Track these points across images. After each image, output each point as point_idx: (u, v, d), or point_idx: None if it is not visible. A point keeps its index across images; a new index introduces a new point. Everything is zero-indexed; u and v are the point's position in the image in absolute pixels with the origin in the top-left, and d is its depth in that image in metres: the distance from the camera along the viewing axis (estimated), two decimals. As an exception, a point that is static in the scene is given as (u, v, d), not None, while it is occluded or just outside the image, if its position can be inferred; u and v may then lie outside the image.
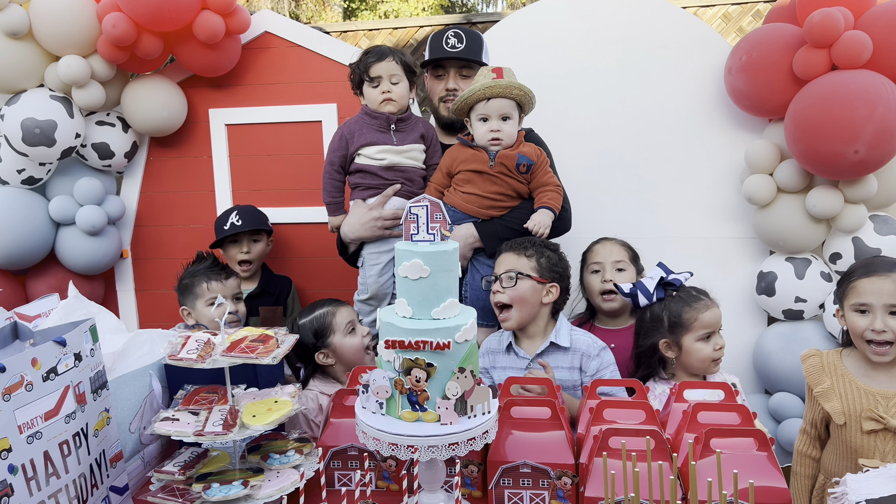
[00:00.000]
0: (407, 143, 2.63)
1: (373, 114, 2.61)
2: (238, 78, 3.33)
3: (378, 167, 2.60)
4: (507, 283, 2.22)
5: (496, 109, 2.45)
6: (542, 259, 2.26)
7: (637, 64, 3.13)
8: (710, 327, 2.14)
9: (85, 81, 2.97)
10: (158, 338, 2.07)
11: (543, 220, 2.48)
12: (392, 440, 1.49)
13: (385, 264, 2.67)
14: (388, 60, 2.55)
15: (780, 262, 2.90)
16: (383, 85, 2.57)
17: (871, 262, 2.08)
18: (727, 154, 3.07)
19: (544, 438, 1.71)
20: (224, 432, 1.63)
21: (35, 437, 1.47)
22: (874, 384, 2.00)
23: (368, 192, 2.64)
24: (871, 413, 1.94)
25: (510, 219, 2.55)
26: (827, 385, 2.04)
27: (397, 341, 1.50)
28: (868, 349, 1.98)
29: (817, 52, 2.50)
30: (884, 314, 1.95)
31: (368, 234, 2.63)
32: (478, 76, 2.50)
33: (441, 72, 2.82)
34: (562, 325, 2.30)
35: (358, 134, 2.61)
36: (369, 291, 2.69)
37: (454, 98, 2.76)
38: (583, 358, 2.23)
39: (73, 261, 3.26)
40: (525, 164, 2.49)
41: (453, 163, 2.57)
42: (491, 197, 2.52)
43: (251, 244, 3.12)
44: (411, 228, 1.56)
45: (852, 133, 2.43)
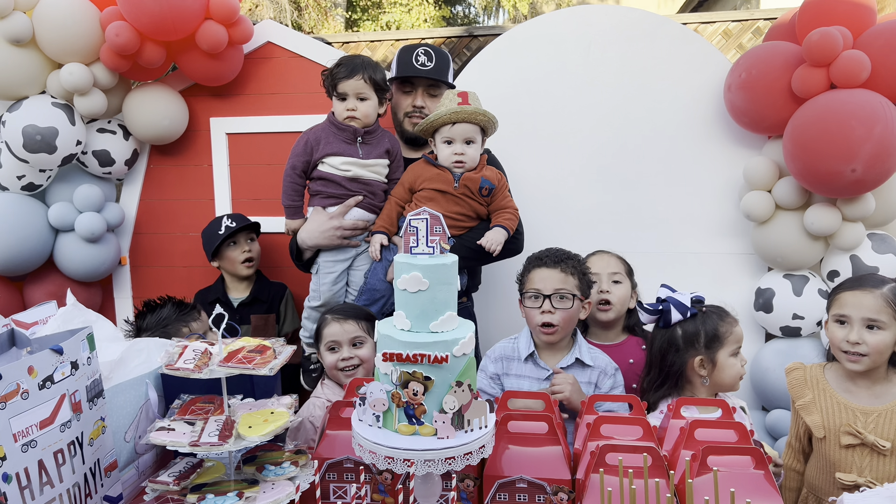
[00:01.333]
0: (372, 156, 2.65)
1: (339, 125, 2.62)
2: (240, 87, 3.34)
3: (342, 177, 2.61)
4: (561, 304, 2.21)
5: (461, 134, 2.48)
6: (579, 276, 2.27)
7: (637, 79, 3.14)
8: (740, 342, 2.11)
9: (87, 89, 2.98)
10: (155, 347, 2.06)
11: (496, 237, 2.53)
12: (388, 454, 1.49)
13: (340, 273, 2.68)
14: (357, 78, 2.55)
15: (778, 279, 2.90)
16: (349, 101, 2.58)
17: (861, 277, 2.16)
18: (726, 170, 3.08)
19: (541, 453, 1.71)
20: (220, 443, 1.63)
21: (30, 446, 1.46)
22: (854, 399, 2.03)
23: (330, 200, 2.65)
24: (849, 428, 1.97)
25: (468, 238, 2.58)
26: (808, 398, 2.07)
27: (395, 354, 1.49)
28: (843, 357, 2.01)
29: (816, 71, 2.52)
30: (860, 327, 1.98)
31: (326, 243, 2.64)
32: (444, 99, 2.51)
33: (409, 87, 2.85)
34: (581, 341, 2.32)
35: (324, 142, 2.61)
36: (321, 299, 2.70)
37: (420, 114, 2.82)
38: (600, 375, 2.26)
39: (71, 267, 3.26)
40: (487, 187, 2.54)
41: (416, 179, 2.58)
42: (453, 216, 2.55)
43: (250, 243, 3.15)
44: (411, 241, 1.56)
45: (850, 152, 2.45)
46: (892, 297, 1.98)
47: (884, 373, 2.03)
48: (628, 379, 2.53)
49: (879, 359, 1.99)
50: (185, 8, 2.84)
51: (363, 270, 2.69)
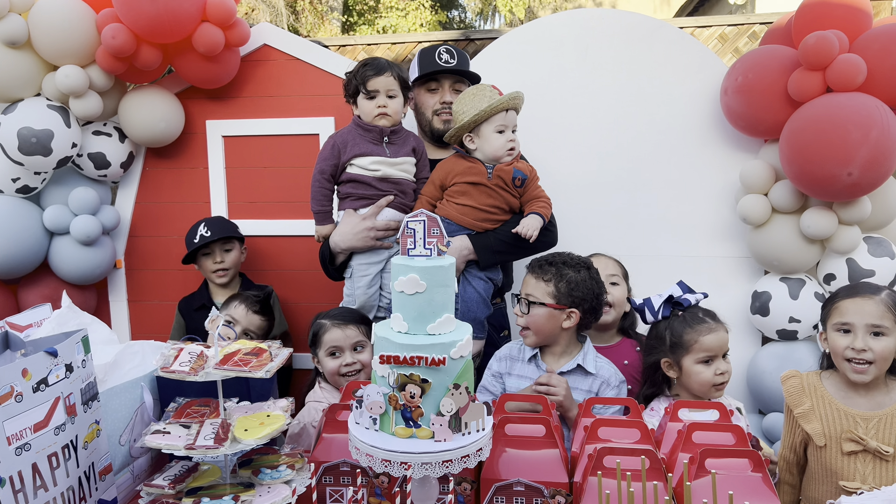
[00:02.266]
0: (400, 155, 2.65)
1: (365, 126, 2.62)
2: (236, 90, 3.33)
3: (372, 178, 2.61)
4: (522, 308, 2.21)
5: (512, 121, 2.53)
6: (560, 283, 2.20)
7: (634, 83, 3.15)
8: (710, 351, 2.10)
9: (83, 91, 2.97)
10: (150, 349, 2.05)
11: (532, 223, 2.52)
12: (385, 456, 1.48)
13: (374, 276, 2.66)
14: (387, 75, 2.57)
15: (774, 283, 2.91)
16: (379, 99, 2.58)
17: (855, 285, 2.13)
18: (722, 174, 3.08)
19: (538, 456, 1.70)
20: (215, 446, 1.62)
21: (23, 449, 1.45)
22: (853, 406, 2.01)
23: (361, 202, 2.64)
24: (850, 434, 1.95)
25: (502, 232, 2.57)
26: (807, 406, 2.05)
27: (392, 356, 1.49)
28: (848, 367, 1.99)
29: (812, 75, 2.52)
30: (865, 334, 1.96)
31: (360, 245, 2.62)
32: (480, 91, 2.52)
33: (435, 86, 2.85)
34: (589, 349, 2.28)
35: (351, 144, 2.61)
36: (357, 302, 2.67)
37: (449, 110, 2.80)
38: (602, 385, 2.22)
39: (66, 270, 3.24)
40: (520, 178, 2.54)
41: (448, 175, 2.58)
42: (486, 209, 2.54)
43: (223, 254, 3.13)
44: (408, 243, 1.55)
45: (846, 156, 2.45)
46: (891, 302, 1.98)
47: (882, 380, 2.01)
48: None
49: (885, 366, 1.98)
50: (182, 10, 2.83)
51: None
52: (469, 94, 2.54)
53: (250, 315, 2.81)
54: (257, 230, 3.38)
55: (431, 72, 2.79)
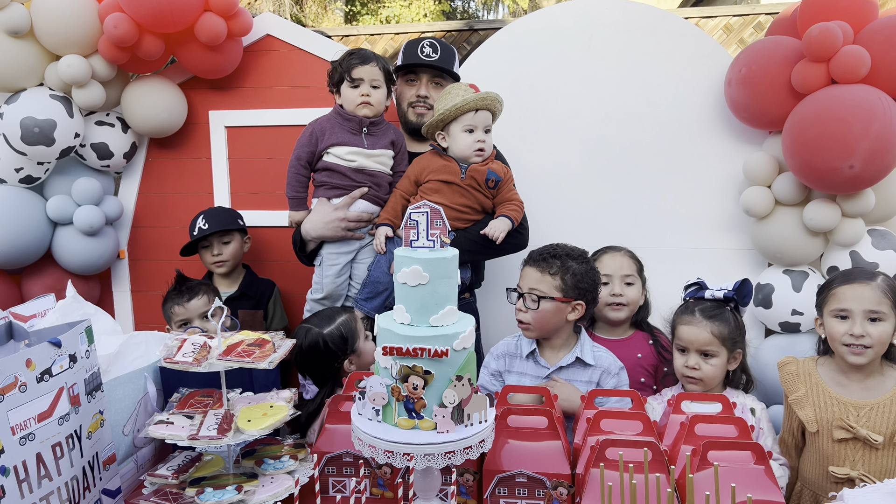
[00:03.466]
0: (378, 147, 2.66)
1: (346, 115, 2.63)
2: (239, 80, 3.32)
3: (347, 168, 2.62)
4: (531, 304, 2.19)
5: (482, 121, 2.51)
6: (566, 276, 2.19)
7: (638, 73, 3.13)
8: (682, 342, 2.20)
9: (85, 81, 2.97)
10: (154, 340, 2.06)
11: (500, 226, 2.54)
12: (388, 447, 1.48)
13: (343, 265, 2.68)
14: (372, 65, 2.59)
15: (777, 275, 2.90)
16: (363, 88, 2.60)
17: (850, 271, 2.15)
18: (726, 165, 3.07)
19: (541, 448, 1.70)
20: (218, 437, 1.62)
21: (28, 439, 1.46)
22: (847, 394, 2.03)
23: (335, 191, 2.65)
24: (841, 422, 1.98)
25: (472, 231, 2.58)
26: (801, 393, 2.08)
27: (395, 348, 1.49)
28: (846, 351, 2.02)
29: (815, 67, 2.51)
30: (863, 320, 1.99)
31: (331, 234, 2.63)
32: (454, 90, 2.52)
33: (413, 77, 2.86)
34: (585, 340, 2.28)
35: (329, 132, 2.62)
36: (324, 291, 2.70)
37: (423, 104, 2.84)
38: (602, 375, 2.22)
39: (69, 261, 3.24)
40: (493, 179, 2.55)
41: (423, 171, 2.59)
42: (458, 208, 2.56)
43: (221, 246, 3.12)
44: (411, 234, 1.55)
45: (848, 148, 2.44)
46: (887, 288, 2.01)
47: (877, 366, 2.04)
48: (636, 373, 2.54)
49: (881, 350, 2.02)
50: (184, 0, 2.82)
51: (367, 263, 2.68)
52: (446, 91, 2.55)
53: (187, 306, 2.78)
54: (261, 221, 3.38)
55: (411, 64, 2.81)
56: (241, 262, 3.25)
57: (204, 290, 2.75)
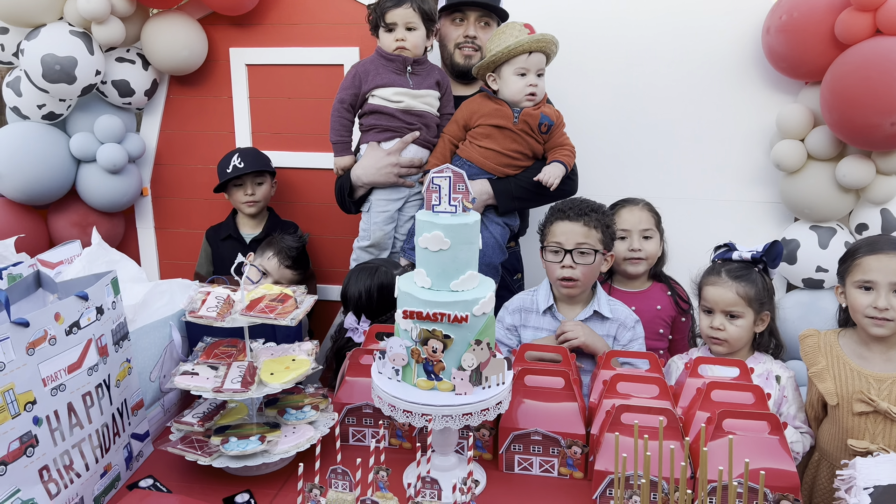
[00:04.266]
0: (423, 87, 2.60)
1: (388, 56, 2.56)
2: (259, 17, 3.24)
3: (395, 109, 2.57)
4: (582, 259, 2.16)
5: (535, 64, 2.44)
6: (605, 228, 2.21)
7: (670, 15, 2.99)
8: (709, 302, 2.17)
9: (104, 17, 2.91)
10: (178, 288, 2.10)
11: (555, 171, 2.48)
12: (407, 407, 1.52)
13: (392, 212, 2.65)
14: (406, 7, 2.50)
15: (804, 230, 2.84)
16: (398, 32, 2.53)
17: (875, 240, 2.08)
18: (758, 115, 2.97)
19: (557, 408, 1.73)
20: (242, 390, 1.67)
21: (59, 390, 1.51)
22: (868, 366, 2.01)
23: (385, 134, 2.60)
24: (861, 395, 1.96)
25: (523, 178, 2.54)
26: (822, 365, 2.05)
27: (415, 312, 1.50)
28: (868, 322, 1.98)
29: (861, 16, 2.38)
30: (888, 292, 1.94)
31: (383, 180, 2.60)
32: (508, 30, 2.44)
33: (460, 17, 2.74)
34: (601, 294, 2.28)
35: (373, 74, 2.56)
36: (371, 238, 2.67)
37: (471, 45, 2.73)
38: (619, 328, 2.23)
39: (93, 198, 3.27)
40: (546, 123, 2.49)
41: (472, 116, 2.53)
42: (509, 154, 2.51)
43: (255, 186, 3.12)
44: (433, 199, 1.54)
45: (891, 104, 2.33)
46: None
47: None
48: (655, 324, 2.55)
49: None
50: (204, -67, 2.73)
51: (413, 212, 2.65)
52: (498, 31, 2.46)
53: (282, 269, 2.83)
54: (281, 161, 3.35)
55: (457, 2, 2.69)
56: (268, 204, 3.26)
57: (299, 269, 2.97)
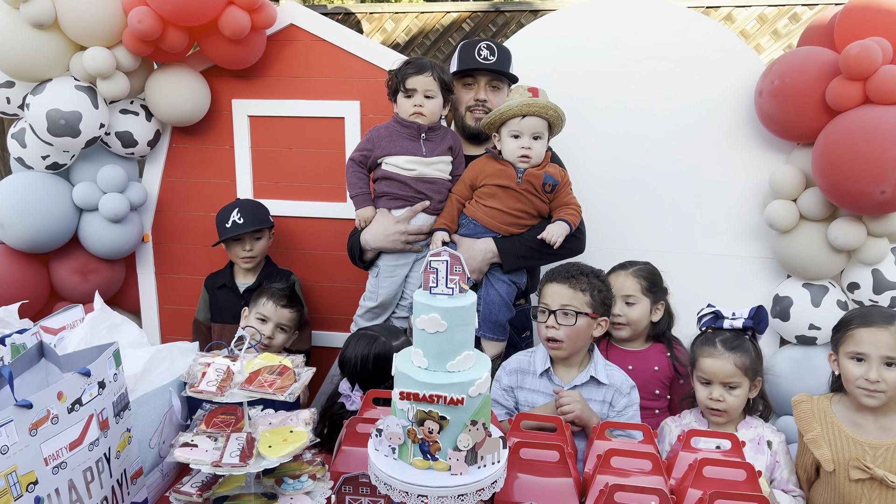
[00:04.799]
0: (436, 154, 2.66)
1: (404, 122, 2.63)
2: (262, 69, 3.31)
3: (407, 177, 2.62)
4: (565, 320, 2.19)
5: (529, 128, 2.50)
6: (595, 292, 2.22)
7: (666, 75, 3.07)
8: (706, 374, 2.18)
9: (110, 73, 2.97)
10: (178, 352, 2.11)
11: (558, 230, 2.53)
12: (404, 488, 1.54)
13: (400, 277, 2.70)
14: (427, 75, 2.58)
15: (796, 288, 2.89)
16: (416, 98, 2.60)
17: (868, 311, 2.12)
18: (752, 174, 3.03)
19: (551, 483, 1.75)
20: (241, 464, 1.68)
21: (60, 468, 1.52)
22: (862, 433, 2.04)
23: (396, 202, 2.66)
24: (857, 463, 1.99)
25: (528, 237, 2.58)
26: (817, 432, 2.09)
27: (412, 394, 1.53)
28: (860, 393, 2.02)
29: (852, 85, 2.45)
30: (879, 365, 1.99)
31: (391, 247, 2.65)
32: (513, 93, 2.53)
33: (471, 81, 2.82)
34: (598, 359, 2.30)
35: (387, 140, 2.63)
36: (378, 300, 2.72)
37: (482, 108, 2.80)
38: (615, 394, 2.25)
39: (95, 246, 3.31)
40: (550, 184, 2.54)
41: (479, 176, 2.59)
42: (514, 213, 2.56)
43: (254, 242, 3.15)
44: (430, 280, 1.57)
45: (881, 173, 2.39)
46: None
47: (893, 405, 2.03)
48: (652, 385, 2.57)
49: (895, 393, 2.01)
50: (209, -7, 2.80)
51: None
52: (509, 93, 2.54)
53: (280, 310, 2.85)
54: (281, 210, 3.40)
55: (469, 68, 2.77)
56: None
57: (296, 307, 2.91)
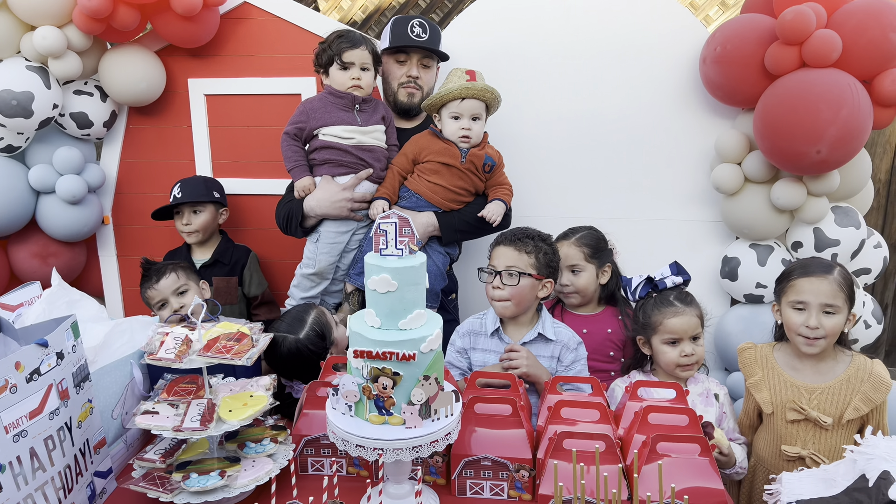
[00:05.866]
0: (370, 123, 2.73)
1: (337, 93, 2.69)
2: (217, 48, 3.30)
3: (347, 145, 2.68)
4: (509, 280, 2.27)
5: (468, 109, 2.59)
6: (539, 255, 2.31)
7: (615, 48, 3.13)
8: (674, 333, 2.23)
9: (61, 52, 2.94)
10: (139, 325, 2.15)
11: (497, 209, 2.69)
12: (359, 442, 1.59)
13: (340, 244, 2.76)
14: (362, 49, 2.66)
15: (743, 248, 2.99)
16: (353, 71, 2.67)
17: (808, 262, 2.23)
18: (699, 140, 3.12)
19: (505, 435, 1.82)
20: (201, 428, 1.73)
21: (21, 436, 1.55)
22: (800, 377, 2.17)
23: (340, 169, 2.71)
24: (793, 405, 2.11)
25: (467, 213, 2.72)
26: (758, 377, 2.22)
27: (365, 352, 1.58)
28: (801, 341, 2.14)
29: (788, 49, 2.53)
30: (818, 312, 2.10)
31: (336, 213, 2.70)
32: (451, 76, 2.61)
33: (403, 58, 2.90)
34: (546, 317, 2.38)
35: (322, 111, 2.69)
36: (316, 267, 2.77)
37: (414, 84, 2.90)
38: (562, 349, 2.33)
39: (54, 229, 3.28)
40: (489, 164, 2.69)
41: (422, 151, 2.68)
42: (456, 190, 2.68)
43: (191, 216, 3.15)
44: (380, 242, 1.62)
45: (816, 134, 2.49)
46: (843, 281, 2.11)
47: (830, 351, 2.15)
48: (606, 347, 2.66)
49: (833, 339, 2.13)
50: (159, -30, 2.78)
51: (358, 238, 2.78)
52: (447, 75, 2.62)
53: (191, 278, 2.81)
54: (241, 189, 3.41)
55: (401, 45, 2.83)
56: (218, 230, 3.30)
57: (171, 269, 2.75)
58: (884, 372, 2.11)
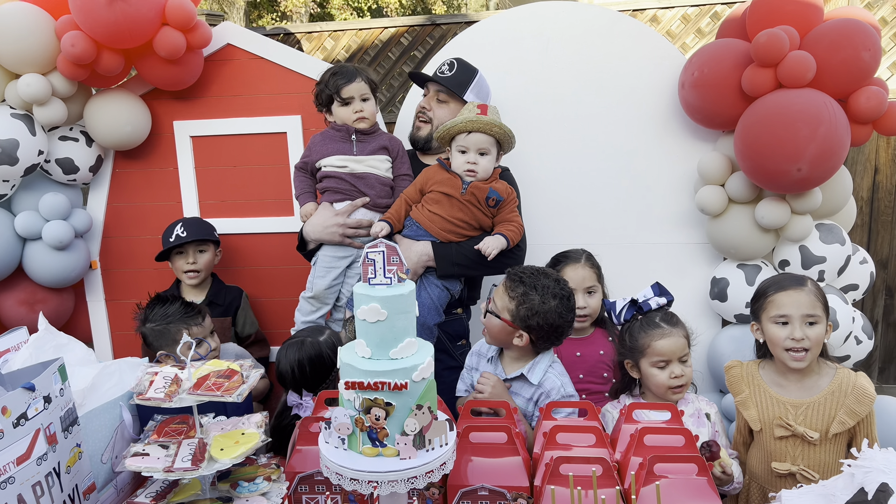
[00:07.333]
0: (366, 153, 2.78)
1: (336, 126, 2.78)
2: (202, 90, 3.33)
3: (343, 173, 2.75)
4: (487, 317, 2.29)
5: (475, 143, 2.58)
6: (521, 307, 2.19)
7: (594, 75, 3.20)
8: (663, 355, 2.19)
9: (46, 99, 2.96)
10: (127, 367, 2.11)
11: (493, 243, 2.56)
12: (353, 475, 1.57)
13: (338, 270, 2.79)
14: (358, 81, 2.72)
15: (731, 269, 3.01)
16: (355, 105, 2.73)
17: (780, 278, 2.25)
18: (682, 163, 3.16)
19: (501, 463, 1.80)
20: (193, 468, 1.70)
21: (8, 483, 1.52)
22: (785, 394, 2.17)
23: (337, 195, 2.78)
24: (780, 421, 2.12)
25: (466, 246, 2.64)
26: (746, 394, 2.23)
27: (357, 383, 1.57)
28: (787, 357, 2.14)
29: (764, 72, 2.59)
30: (801, 324, 2.11)
31: (328, 238, 2.74)
32: (464, 109, 2.64)
33: (425, 90, 3.00)
34: (539, 362, 2.27)
35: (321, 145, 2.79)
36: (313, 291, 2.80)
37: (423, 116, 2.95)
38: (542, 396, 2.24)
39: (41, 275, 3.26)
40: (494, 198, 2.61)
41: (428, 181, 2.68)
42: (454, 222, 2.63)
43: (197, 255, 3.16)
44: (369, 272, 1.62)
45: (795, 152, 2.54)
46: (818, 291, 2.15)
47: (813, 365, 2.16)
48: (599, 369, 2.66)
49: (818, 351, 2.15)
50: (141, 16, 2.81)
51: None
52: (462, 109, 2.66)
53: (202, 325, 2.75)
54: (229, 228, 3.41)
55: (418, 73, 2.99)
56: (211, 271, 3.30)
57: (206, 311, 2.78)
58: (867, 384, 2.11)
